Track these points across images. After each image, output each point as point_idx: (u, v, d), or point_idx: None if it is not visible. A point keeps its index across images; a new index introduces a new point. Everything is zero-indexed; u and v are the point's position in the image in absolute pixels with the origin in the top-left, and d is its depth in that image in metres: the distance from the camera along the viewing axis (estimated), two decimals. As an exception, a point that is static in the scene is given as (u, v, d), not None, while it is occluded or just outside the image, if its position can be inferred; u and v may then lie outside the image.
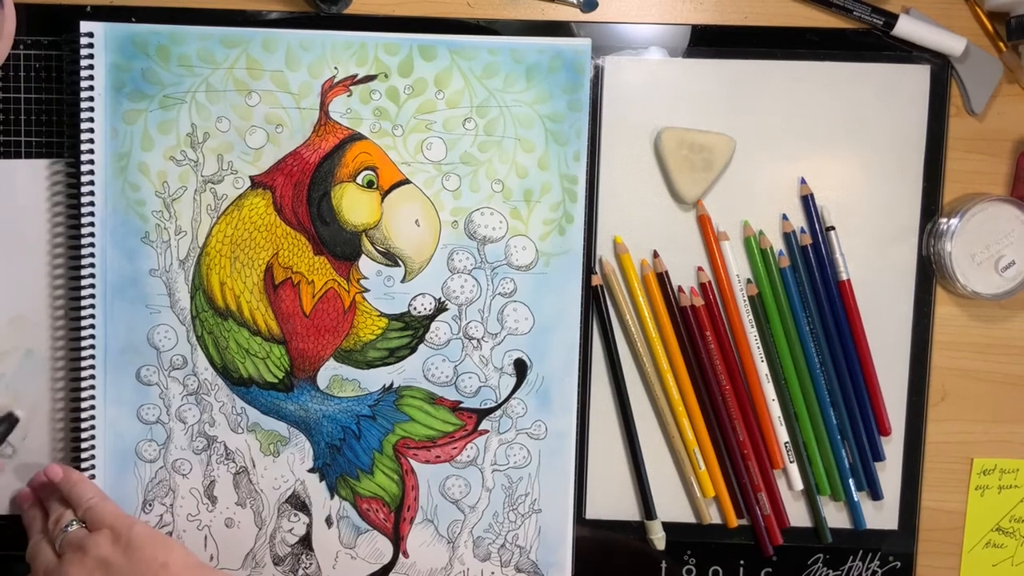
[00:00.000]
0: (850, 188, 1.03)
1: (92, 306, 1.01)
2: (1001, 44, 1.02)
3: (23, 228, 1.02)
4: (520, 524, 1.04)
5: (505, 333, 1.03)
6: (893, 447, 1.05)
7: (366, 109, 1.01)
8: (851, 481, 1.04)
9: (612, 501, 1.05)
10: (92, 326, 1.01)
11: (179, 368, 1.03)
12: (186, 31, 1.00)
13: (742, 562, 1.06)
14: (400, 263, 1.02)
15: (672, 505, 1.05)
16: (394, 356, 1.03)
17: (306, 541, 1.04)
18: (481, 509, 1.04)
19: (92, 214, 1.00)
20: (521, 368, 1.03)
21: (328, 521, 1.04)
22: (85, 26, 0.99)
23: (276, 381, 1.03)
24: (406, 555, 1.04)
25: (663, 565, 1.06)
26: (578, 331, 1.02)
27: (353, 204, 1.01)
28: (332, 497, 1.04)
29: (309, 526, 1.04)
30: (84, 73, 0.99)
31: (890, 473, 1.05)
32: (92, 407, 1.02)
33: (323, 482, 1.04)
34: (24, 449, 1.05)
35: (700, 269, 1.03)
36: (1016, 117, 1.03)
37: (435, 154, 1.01)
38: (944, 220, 1.01)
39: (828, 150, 1.03)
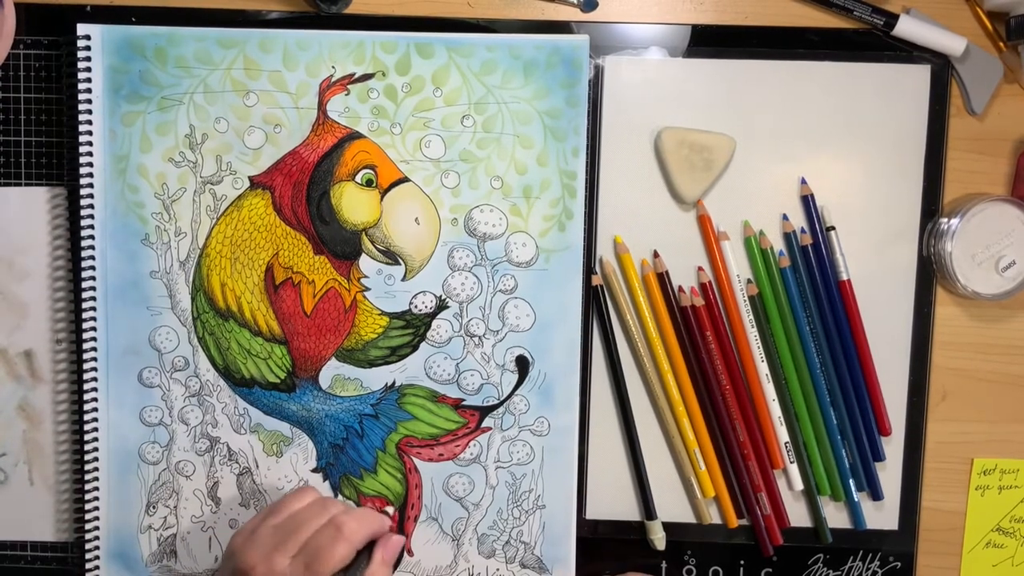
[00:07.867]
0: (850, 188, 1.03)
1: (93, 308, 1.01)
2: (1001, 44, 1.02)
3: (23, 234, 1.03)
4: (524, 520, 1.05)
5: (506, 330, 1.03)
6: (893, 447, 1.05)
7: (364, 108, 1.00)
8: (851, 481, 1.05)
9: (612, 501, 1.06)
10: (94, 328, 1.02)
11: (181, 370, 1.03)
12: (183, 32, 0.99)
13: (742, 562, 1.06)
14: (400, 261, 1.02)
15: (672, 505, 1.06)
16: (396, 355, 1.03)
17: (310, 541, 1.05)
18: (485, 506, 1.05)
19: (92, 216, 1.00)
20: (523, 365, 1.03)
21: (332, 521, 1.05)
22: (82, 28, 0.99)
23: (278, 381, 1.03)
24: (411, 553, 1.05)
25: (663, 565, 1.07)
26: (579, 327, 1.02)
27: (352, 203, 1.01)
28: (336, 496, 1.04)
29: (313, 526, 1.05)
30: (81, 76, 0.99)
31: (890, 473, 1.05)
32: (95, 410, 1.02)
33: (327, 482, 1.04)
34: (16, 474, 1.06)
35: (700, 269, 1.03)
36: (1016, 117, 1.03)
37: (434, 152, 1.01)
38: (944, 220, 1.01)
39: (828, 150, 1.02)
